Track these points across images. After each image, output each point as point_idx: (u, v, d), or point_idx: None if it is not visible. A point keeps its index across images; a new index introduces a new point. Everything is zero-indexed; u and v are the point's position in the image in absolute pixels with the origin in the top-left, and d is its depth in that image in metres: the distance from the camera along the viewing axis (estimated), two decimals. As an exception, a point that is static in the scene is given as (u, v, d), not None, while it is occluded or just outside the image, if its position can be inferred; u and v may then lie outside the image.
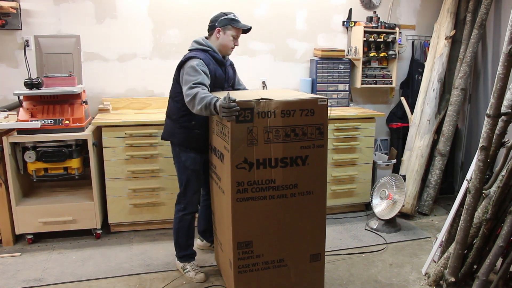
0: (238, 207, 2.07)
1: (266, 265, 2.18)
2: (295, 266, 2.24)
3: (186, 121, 2.42)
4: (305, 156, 2.13)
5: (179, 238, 2.60)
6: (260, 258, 2.16)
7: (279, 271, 2.21)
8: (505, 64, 2.07)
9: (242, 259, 2.13)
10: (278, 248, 2.19)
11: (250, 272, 2.16)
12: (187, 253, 2.64)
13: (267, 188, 2.09)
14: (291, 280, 2.24)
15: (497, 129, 2.24)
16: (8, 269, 2.66)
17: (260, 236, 2.14)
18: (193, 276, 2.57)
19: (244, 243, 2.11)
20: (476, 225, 2.39)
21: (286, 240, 2.19)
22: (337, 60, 3.85)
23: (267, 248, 2.16)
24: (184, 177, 2.51)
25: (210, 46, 2.45)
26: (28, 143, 2.87)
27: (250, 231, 2.12)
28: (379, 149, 4.24)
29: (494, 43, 3.76)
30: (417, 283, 2.59)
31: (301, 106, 2.08)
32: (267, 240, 2.16)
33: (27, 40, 3.29)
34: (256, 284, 2.19)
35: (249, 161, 2.04)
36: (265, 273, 2.18)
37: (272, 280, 2.21)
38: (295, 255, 2.23)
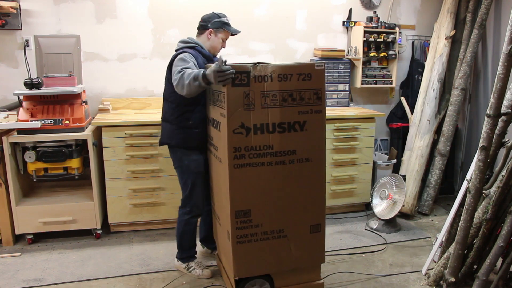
0: (236, 174, 2.04)
1: (265, 235, 2.14)
2: (295, 237, 2.20)
3: (183, 120, 2.40)
4: (303, 122, 2.10)
5: (183, 241, 2.60)
6: (259, 228, 2.12)
7: (278, 242, 2.17)
8: (505, 64, 2.07)
9: (241, 229, 2.09)
10: (277, 218, 2.15)
11: (249, 243, 2.12)
12: (190, 253, 2.65)
13: (265, 154, 2.07)
14: (291, 251, 2.21)
15: (497, 129, 2.24)
16: (8, 269, 2.66)
17: (258, 205, 2.11)
18: (200, 273, 2.58)
19: (242, 212, 2.08)
20: (476, 225, 2.39)
21: (286, 209, 2.16)
22: (337, 60, 3.85)
23: (266, 217, 2.13)
24: (190, 180, 2.48)
25: (196, 42, 2.46)
26: (28, 143, 2.87)
27: (248, 199, 2.09)
28: (379, 149, 4.24)
29: (494, 43, 3.76)
30: (417, 283, 2.59)
31: (298, 70, 2.06)
32: (266, 209, 2.12)
33: (27, 40, 3.29)
34: (255, 256, 2.15)
35: (246, 126, 2.01)
36: (264, 244, 2.15)
37: (271, 251, 2.17)
38: (295, 226, 2.19)
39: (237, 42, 3.70)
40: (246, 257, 2.15)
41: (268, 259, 2.19)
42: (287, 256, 2.21)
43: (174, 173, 3.20)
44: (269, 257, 2.18)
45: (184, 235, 2.58)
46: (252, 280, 2.23)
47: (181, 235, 2.59)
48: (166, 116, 2.48)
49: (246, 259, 2.15)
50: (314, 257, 2.29)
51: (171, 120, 2.44)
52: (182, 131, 2.42)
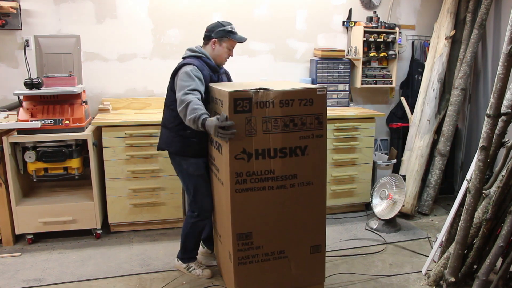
0: (237, 198, 2.06)
1: (266, 256, 2.17)
2: (295, 258, 2.23)
3: (182, 129, 2.38)
4: (304, 146, 2.12)
5: (188, 242, 2.60)
6: (260, 250, 2.15)
7: (279, 263, 2.20)
8: (505, 64, 2.07)
9: (242, 251, 2.12)
10: (278, 239, 2.18)
11: (250, 264, 2.15)
12: (192, 255, 2.65)
13: (266, 179, 2.09)
14: (292, 271, 2.23)
15: (497, 129, 2.24)
16: (8, 269, 2.66)
17: (260, 227, 2.13)
18: (200, 273, 2.58)
19: (244, 235, 2.10)
20: (476, 225, 2.39)
21: (286, 231, 2.18)
22: (337, 60, 3.85)
23: (267, 239, 2.15)
24: (191, 184, 2.48)
25: (203, 52, 2.45)
26: (28, 143, 2.87)
27: (250, 222, 2.11)
28: (379, 149, 4.24)
29: (494, 43, 3.76)
30: (417, 283, 2.59)
31: (299, 96, 2.07)
32: (267, 232, 2.15)
33: (27, 40, 3.29)
34: (256, 276, 2.18)
35: (248, 151, 2.03)
36: (265, 264, 2.17)
37: (272, 271, 2.20)
38: (295, 247, 2.22)
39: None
40: (247, 278, 2.18)
41: (269, 279, 2.22)
42: (287, 276, 2.24)
43: (174, 173, 3.20)
44: (270, 277, 2.21)
45: (189, 237, 2.58)
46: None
47: (186, 236, 2.58)
48: (166, 122, 2.48)
49: (248, 279, 2.18)
50: (314, 277, 2.31)
51: (171, 127, 2.44)
52: (181, 139, 2.42)
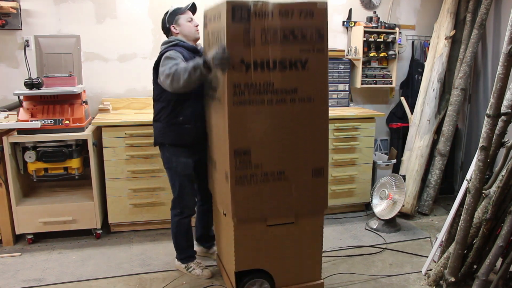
0: (235, 111, 1.98)
1: (266, 177, 2.07)
2: (296, 180, 2.13)
3: (173, 117, 2.39)
4: (304, 60, 2.06)
5: (179, 241, 2.60)
6: (259, 169, 2.05)
7: (279, 185, 2.10)
8: (505, 64, 2.07)
9: (240, 169, 2.02)
10: (278, 159, 2.08)
11: (248, 185, 2.05)
12: (189, 254, 2.65)
13: (265, 92, 2.01)
14: (292, 195, 2.14)
15: (497, 129, 2.24)
16: (8, 269, 2.66)
17: (258, 144, 2.03)
18: (200, 273, 2.58)
19: (242, 151, 2.01)
20: (476, 225, 2.39)
21: (287, 151, 2.09)
22: (337, 60, 3.85)
23: (266, 158, 2.06)
24: (177, 182, 2.49)
25: (176, 38, 2.45)
26: (28, 143, 2.87)
27: (248, 138, 2.02)
28: (379, 149, 4.24)
29: (494, 43, 3.76)
30: (417, 283, 2.59)
31: (299, 7, 2.01)
32: (266, 149, 2.05)
33: (27, 40, 3.29)
34: (254, 198, 2.08)
35: (246, 61, 1.96)
36: (264, 186, 2.07)
37: (272, 194, 2.10)
38: (296, 168, 2.12)
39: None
40: (245, 200, 2.06)
41: (268, 203, 2.11)
42: (288, 199, 2.14)
43: (174, 173, 3.20)
44: (269, 201, 2.11)
45: (178, 236, 2.59)
46: (252, 279, 2.23)
47: (176, 236, 2.59)
48: (157, 116, 2.47)
49: (245, 201, 2.07)
50: (316, 203, 2.21)
51: (162, 119, 2.43)
52: (174, 128, 2.41)
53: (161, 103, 2.41)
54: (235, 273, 2.21)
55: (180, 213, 2.54)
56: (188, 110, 2.39)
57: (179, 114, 2.38)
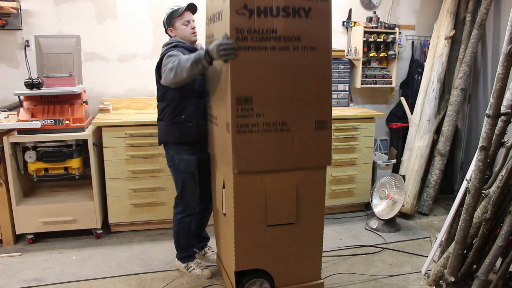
0: (238, 56, 1.95)
1: (267, 127, 2.04)
2: (299, 132, 2.10)
3: (176, 116, 2.41)
4: (308, 8, 2.03)
5: (180, 240, 2.60)
6: (261, 118, 2.02)
7: (281, 136, 2.07)
8: (504, 64, 2.07)
9: (241, 117, 1.98)
10: (280, 109, 2.05)
11: (250, 134, 2.01)
12: (189, 253, 2.65)
13: (268, 38, 1.98)
14: (295, 147, 2.11)
15: (497, 129, 2.24)
16: (9, 269, 2.66)
17: (260, 92, 2.00)
18: (200, 273, 2.59)
19: (244, 98, 1.98)
20: (475, 225, 2.39)
21: (290, 100, 2.06)
22: (337, 60, 3.85)
23: (268, 107, 2.03)
24: (180, 180, 2.50)
25: (175, 40, 2.48)
26: (28, 143, 2.88)
27: (250, 85, 1.98)
28: (379, 149, 4.24)
29: (493, 43, 3.77)
30: (417, 283, 2.59)
31: None
32: (269, 98, 2.02)
33: (28, 40, 3.29)
34: (256, 149, 2.04)
35: (249, 7, 1.94)
36: (266, 136, 2.04)
37: (274, 145, 2.07)
38: (299, 120, 2.09)
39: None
40: (246, 150, 2.02)
41: (270, 154, 2.07)
42: (290, 152, 2.10)
43: (174, 173, 3.20)
44: (271, 152, 2.07)
45: (179, 235, 2.59)
46: (252, 279, 2.24)
47: (177, 234, 2.60)
48: (160, 115, 2.49)
49: (246, 152, 2.02)
50: (319, 157, 2.17)
51: (165, 118, 2.45)
52: (177, 126, 2.43)
53: (165, 102, 2.43)
54: (235, 273, 2.21)
55: (182, 211, 2.54)
56: (191, 108, 2.40)
57: (182, 112, 2.40)
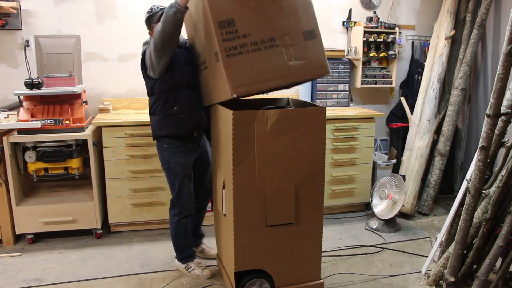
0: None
1: (256, 46, 1.99)
2: (288, 46, 2.05)
3: (168, 108, 2.38)
4: None
5: (178, 241, 2.61)
6: (248, 38, 1.97)
7: (272, 52, 2.02)
8: (504, 64, 2.07)
9: (228, 40, 1.94)
10: (265, 26, 2.00)
11: (240, 55, 1.96)
12: (188, 253, 2.65)
13: None
14: (287, 61, 2.05)
15: (497, 129, 2.24)
16: (9, 269, 2.66)
17: (242, 13, 1.95)
18: (200, 273, 2.59)
19: (226, 22, 1.94)
20: (475, 225, 2.39)
21: (272, 15, 2.01)
22: (337, 60, 3.85)
23: (252, 26, 1.98)
24: (177, 182, 2.49)
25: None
26: (28, 143, 2.88)
27: (229, 7, 1.94)
28: (379, 149, 4.24)
29: (494, 43, 3.77)
30: (417, 283, 2.59)
31: None
32: (251, 17, 1.98)
33: (28, 40, 3.29)
34: (249, 68, 1.99)
35: None
36: (256, 55, 1.99)
37: (266, 63, 2.02)
38: (286, 33, 2.03)
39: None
40: (240, 71, 1.98)
41: (264, 72, 2.02)
42: (284, 66, 2.05)
43: (174, 173, 3.20)
44: (265, 70, 2.02)
45: (177, 236, 2.60)
46: (252, 280, 2.24)
47: (175, 236, 2.60)
48: (152, 110, 2.47)
49: (240, 73, 1.98)
50: (314, 68, 2.14)
51: (157, 112, 2.42)
52: (171, 118, 2.40)
53: (155, 96, 2.41)
54: (235, 273, 2.21)
55: (179, 213, 2.54)
56: (182, 99, 2.37)
57: (173, 104, 2.37)
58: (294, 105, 2.61)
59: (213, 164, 2.59)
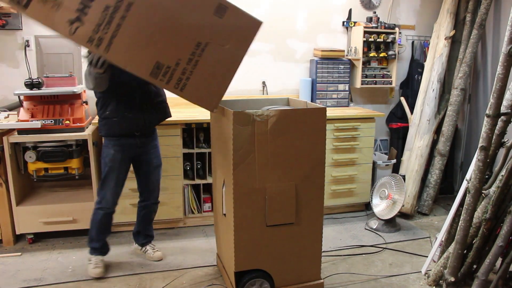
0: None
1: (191, 61, 1.95)
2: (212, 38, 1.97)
3: (103, 112, 2.50)
4: None
5: (91, 229, 2.62)
6: (181, 63, 1.94)
7: (208, 54, 1.96)
8: (504, 64, 2.07)
9: (170, 80, 1.94)
10: (183, 40, 1.94)
11: (189, 80, 1.96)
12: (96, 246, 2.63)
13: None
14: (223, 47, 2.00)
15: (497, 129, 2.24)
16: (9, 269, 2.66)
17: (160, 51, 1.92)
18: (91, 269, 2.58)
19: (155, 70, 1.91)
20: (475, 225, 2.40)
21: (179, 26, 1.93)
22: (337, 60, 3.85)
23: (175, 51, 1.93)
24: (104, 172, 2.55)
25: None
26: (28, 143, 2.88)
27: (148, 57, 1.91)
28: (379, 149, 4.24)
29: (493, 43, 3.77)
30: (416, 283, 2.59)
31: None
32: (169, 46, 1.93)
33: (28, 40, 3.29)
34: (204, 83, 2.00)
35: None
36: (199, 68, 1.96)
37: (211, 65, 2.00)
38: (201, 29, 1.96)
39: (237, 42, 3.71)
40: (201, 92, 2.00)
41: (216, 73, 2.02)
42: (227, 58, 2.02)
43: (174, 173, 3.21)
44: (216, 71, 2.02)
45: (92, 224, 2.61)
46: (252, 279, 2.24)
47: (90, 222, 2.62)
48: (97, 112, 2.59)
49: (202, 91, 2.01)
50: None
51: (98, 114, 2.55)
52: (106, 121, 2.51)
53: (96, 99, 2.54)
54: (235, 273, 2.21)
55: (98, 202, 2.57)
56: (112, 104, 2.47)
57: (106, 108, 2.48)
58: (294, 105, 2.62)
59: (213, 164, 2.59)
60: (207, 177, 3.33)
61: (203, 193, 3.38)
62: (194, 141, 3.28)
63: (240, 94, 3.74)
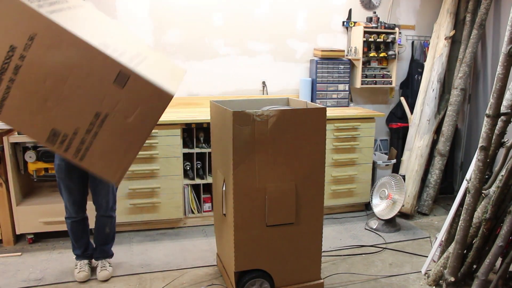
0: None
1: (90, 132, 1.79)
2: (114, 107, 1.81)
3: None
4: None
5: (70, 238, 2.62)
6: (80, 132, 1.79)
7: (110, 125, 1.82)
8: (504, 64, 2.07)
9: (68, 148, 1.80)
10: (83, 107, 1.77)
11: (88, 150, 1.82)
12: (78, 253, 2.62)
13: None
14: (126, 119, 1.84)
15: (497, 129, 2.24)
16: (9, 269, 2.66)
17: (54, 117, 1.77)
18: (76, 274, 2.57)
19: (50, 137, 1.78)
20: (475, 225, 2.40)
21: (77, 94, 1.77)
22: (337, 60, 3.85)
23: (73, 120, 1.76)
24: (58, 184, 2.52)
25: None
26: (28, 143, 2.88)
27: (43, 125, 1.75)
28: (379, 149, 4.24)
29: (493, 43, 3.77)
30: (416, 282, 2.59)
31: None
32: (65, 113, 1.75)
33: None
34: (106, 153, 1.86)
35: None
36: (100, 138, 1.81)
37: (112, 136, 1.85)
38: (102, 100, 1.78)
39: (237, 42, 3.71)
40: (102, 162, 1.88)
41: (120, 144, 1.87)
42: (132, 126, 1.83)
43: (173, 173, 3.21)
44: (119, 142, 1.87)
45: (68, 233, 2.61)
46: (252, 279, 2.24)
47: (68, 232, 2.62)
48: None
49: (104, 162, 1.88)
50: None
51: None
52: None
53: None
54: (235, 273, 2.22)
55: (65, 212, 2.57)
56: None
57: None
58: (294, 105, 2.62)
59: (213, 164, 2.59)
60: (207, 177, 3.33)
61: (203, 193, 3.38)
62: (194, 141, 3.28)
63: (240, 94, 3.74)
